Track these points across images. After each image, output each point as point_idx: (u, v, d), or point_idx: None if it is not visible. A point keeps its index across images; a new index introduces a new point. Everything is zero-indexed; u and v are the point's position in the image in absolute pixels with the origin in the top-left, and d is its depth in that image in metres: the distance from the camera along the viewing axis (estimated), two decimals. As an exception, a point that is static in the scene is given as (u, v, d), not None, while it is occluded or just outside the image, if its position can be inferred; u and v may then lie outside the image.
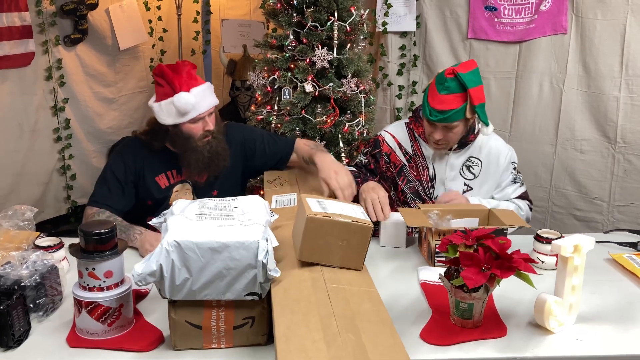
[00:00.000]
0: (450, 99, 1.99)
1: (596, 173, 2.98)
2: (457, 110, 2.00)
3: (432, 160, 2.19)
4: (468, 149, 2.17)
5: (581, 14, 2.86)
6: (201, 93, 2.02)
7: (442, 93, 2.00)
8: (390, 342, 1.05)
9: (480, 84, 2.04)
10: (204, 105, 2.02)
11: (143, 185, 2.08)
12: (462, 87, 1.99)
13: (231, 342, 1.34)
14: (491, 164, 2.17)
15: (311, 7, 2.55)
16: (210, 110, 2.06)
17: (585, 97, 2.94)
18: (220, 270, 1.26)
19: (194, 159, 2.04)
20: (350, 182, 1.90)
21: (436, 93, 2.02)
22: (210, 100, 2.06)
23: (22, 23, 3.00)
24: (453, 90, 1.99)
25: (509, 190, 2.19)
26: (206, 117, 2.05)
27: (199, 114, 2.01)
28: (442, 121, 2.02)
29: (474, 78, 2.01)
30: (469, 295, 1.38)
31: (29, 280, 1.42)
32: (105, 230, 1.34)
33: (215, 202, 1.46)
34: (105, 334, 1.36)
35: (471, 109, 2.01)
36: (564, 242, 1.40)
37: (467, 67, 2.02)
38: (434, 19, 3.20)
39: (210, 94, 2.07)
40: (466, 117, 2.03)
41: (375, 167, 2.27)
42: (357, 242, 1.35)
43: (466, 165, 2.18)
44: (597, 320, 1.48)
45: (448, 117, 2.00)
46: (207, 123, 2.05)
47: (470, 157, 2.18)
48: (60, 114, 3.31)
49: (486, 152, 2.18)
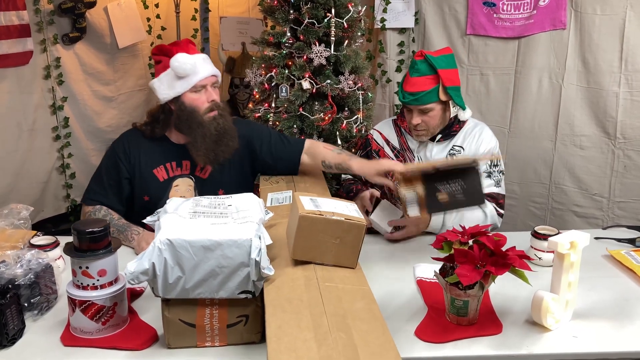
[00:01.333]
0: (421, 81, 2.05)
1: (596, 169, 2.96)
2: (428, 91, 2.04)
3: (417, 152, 2.20)
4: (452, 139, 2.18)
5: (580, 9, 2.84)
6: (200, 59, 1.97)
7: (414, 76, 2.06)
8: (382, 341, 1.05)
9: (453, 68, 2.09)
10: (204, 71, 1.95)
11: (139, 178, 2.00)
12: (432, 69, 2.05)
13: (225, 340, 1.33)
14: (471, 151, 2.15)
15: (308, 3, 2.54)
16: (213, 81, 1.99)
17: (584, 93, 2.92)
18: (213, 268, 1.26)
19: (200, 135, 1.93)
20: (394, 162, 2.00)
21: (408, 77, 2.09)
22: (211, 69, 1.99)
23: (20, 22, 2.99)
24: (423, 73, 2.05)
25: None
26: (209, 86, 1.97)
27: (200, 79, 1.94)
28: (415, 103, 2.06)
29: (446, 60, 2.07)
30: (464, 293, 1.38)
31: (23, 279, 1.43)
32: (98, 229, 1.34)
33: (210, 200, 1.46)
34: (99, 332, 1.36)
35: (444, 90, 2.05)
36: (560, 239, 1.39)
37: (440, 52, 2.10)
38: (432, 15, 3.19)
39: (210, 64, 2.00)
40: (440, 100, 2.06)
41: None
42: (350, 240, 1.34)
43: (450, 154, 2.17)
44: (594, 317, 1.47)
45: (419, 98, 2.04)
46: (210, 94, 1.97)
47: (454, 145, 2.18)
48: (59, 112, 3.31)
49: (469, 140, 2.17)
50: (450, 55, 2.10)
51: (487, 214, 2.03)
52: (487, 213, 2.04)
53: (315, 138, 2.62)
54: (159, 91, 1.97)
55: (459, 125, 2.17)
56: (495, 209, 2.06)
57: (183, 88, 1.94)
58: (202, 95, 1.96)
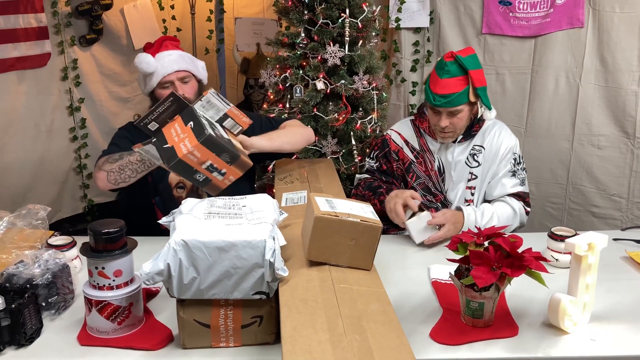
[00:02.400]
0: (452, 82, 2.01)
1: (614, 169, 2.92)
2: (460, 93, 2.01)
3: (438, 153, 2.18)
4: (472, 139, 2.16)
5: (598, 7, 2.81)
6: (168, 57, 2.09)
7: (444, 77, 2.02)
8: (397, 343, 1.04)
9: (480, 68, 2.06)
10: (168, 67, 2.07)
11: None
12: (462, 70, 2.01)
13: (239, 341, 1.34)
14: (492, 150, 2.14)
15: (322, 4, 2.54)
16: (179, 76, 2.09)
17: (602, 92, 2.88)
18: (227, 269, 1.26)
19: None
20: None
21: (437, 79, 2.03)
22: (181, 64, 2.10)
23: (39, 24, 3.03)
24: (454, 74, 2.01)
25: (507, 183, 2.11)
26: (176, 81, 2.08)
27: (164, 76, 2.06)
28: (446, 105, 2.02)
29: (474, 61, 2.03)
30: (480, 295, 1.36)
31: (41, 278, 1.44)
32: (114, 230, 1.35)
33: (224, 201, 1.46)
34: (115, 332, 1.37)
35: (474, 91, 2.02)
36: (577, 240, 1.37)
37: (465, 52, 2.05)
38: (447, 14, 3.17)
39: (184, 61, 2.10)
40: (470, 101, 2.03)
41: (387, 168, 2.26)
42: (365, 242, 1.34)
43: (471, 154, 2.15)
44: (612, 320, 1.45)
45: (452, 100, 2.01)
46: (176, 88, 2.07)
47: (474, 145, 2.16)
48: (76, 113, 3.35)
49: (489, 139, 2.15)
50: (475, 55, 2.07)
51: (517, 211, 2.07)
52: (517, 210, 2.07)
53: (329, 138, 2.62)
54: (140, 88, 2.19)
55: (478, 125, 2.15)
56: (524, 207, 2.09)
57: (152, 85, 2.10)
58: (169, 90, 2.05)
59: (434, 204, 2.17)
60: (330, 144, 2.61)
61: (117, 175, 1.91)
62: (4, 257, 1.55)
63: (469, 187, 2.16)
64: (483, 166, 2.15)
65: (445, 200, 2.19)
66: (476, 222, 1.98)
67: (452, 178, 2.17)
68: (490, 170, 2.14)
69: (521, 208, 2.09)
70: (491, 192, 2.14)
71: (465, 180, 2.16)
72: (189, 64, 2.13)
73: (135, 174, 1.91)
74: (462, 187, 2.17)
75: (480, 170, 2.15)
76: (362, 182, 2.25)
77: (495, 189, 2.12)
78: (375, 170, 2.28)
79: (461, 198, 2.17)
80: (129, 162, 1.88)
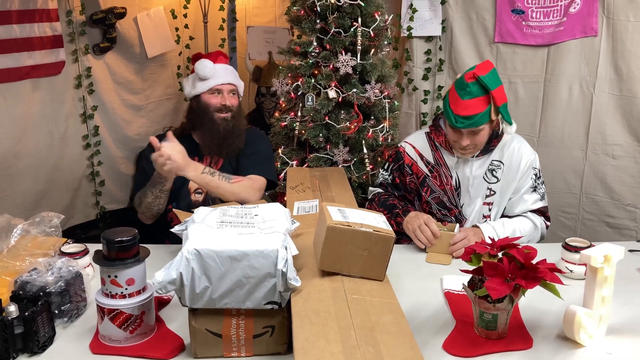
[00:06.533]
0: (474, 103, 1.96)
1: (629, 179, 2.89)
2: (482, 113, 1.97)
3: (455, 168, 2.15)
4: (490, 154, 2.13)
5: (612, 16, 2.79)
6: (223, 69, 2.31)
7: (466, 98, 1.96)
8: (410, 355, 1.03)
9: (500, 84, 2.01)
10: (224, 77, 2.28)
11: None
12: (484, 89, 1.97)
13: (251, 351, 1.33)
14: (512, 166, 2.11)
15: (334, 13, 2.55)
16: (231, 88, 2.31)
17: (617, 101, 2.85)
18: (239, 278, 1.26)
19: (208, 130, 2.24)
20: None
21: (459, 99, 1.98)
22: (232, 78, 2.31)
23: (54, 33, 3.06)
24: (476, 94, 1.96)
25: (528, 199, 2.10)
26: (225, 92, 2.28)
27: (218, 83, 2.25)
28: (470, 127, 1.99)
29: (494, 79, 1.99)
30: (493, 306, 1.35)
31: (54, 286, 1.45)
32: (127, 238, 1.35)
33: (237, 210, 1.47)
34: (127, 340, 1.37)
35: (495, 110, 1.99)
36: (593, 252, 1.35)
37: (485, 69, 1.99)
38: (460, 22, 3.16)
39: (234, 76, 2.33)
40: (491, 119, 2.00)
41: (400, 181, 2.24)
42: (378, 252, 1.33)
43: (489, 169, 2.12)
44: (629, 333, 1.43)
45: (475, 121, 1.97)
46: (225, 98, 2.27)
47: (493, 160, 2.13)
48: (89, 121, 3.37)
49: (508, 154, 2.12)
50: (494, 70, 2.01)
51: (538, 226, 2.08)
52: (538, 225, 2.08)
53: (341, 147, 2.62)
54: (185, 88, 2.36)
55: (497, 139, 2.11)
56: (544, 222, 2.11)
57: (202, 89, 2.28)
58: (218, 97, 2.28)
59: (448, 218, 2.15)
60: (342, 152, 2.61)
61: (149, 212, 2.19)
62: (17, 264, 1.56)
63: (486, 203, 2.13)
64: (502, 182, 2.11)
65: (460, 215, 2.16)
66: (497, 234, 1.97)
67: (469, 193, 2.13)
68: (510, 186, 2.10)
69: (542, 223, 2.09)
70: (512, 208, 2.12)
71: (482, 196, 2.13)
72: (237, 79, 2.38)
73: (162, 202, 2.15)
74: (479, 203, 2.13)
75: (499, 187, 2.12)
76: (377, 198, 2.23)
77: (517, 206, 2.11)
78: (388, 184, 2.26)
79: (478, 213, 2.14)
80: (149, 203, 2.14)
